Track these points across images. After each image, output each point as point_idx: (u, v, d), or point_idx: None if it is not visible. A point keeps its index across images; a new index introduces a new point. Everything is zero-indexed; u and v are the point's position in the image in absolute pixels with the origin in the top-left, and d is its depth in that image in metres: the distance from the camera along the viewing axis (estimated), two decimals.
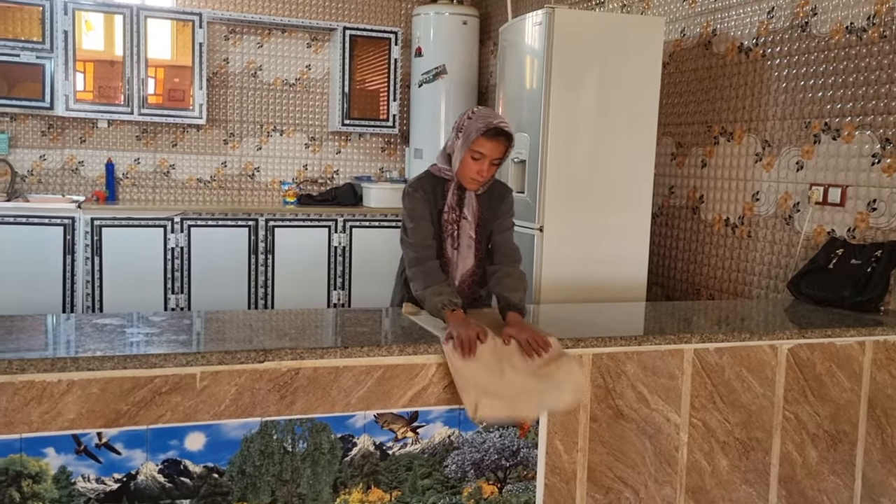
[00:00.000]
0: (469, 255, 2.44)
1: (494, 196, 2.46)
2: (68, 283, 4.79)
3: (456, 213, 2.41)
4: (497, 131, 2.29)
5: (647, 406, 2.25)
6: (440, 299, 2.21)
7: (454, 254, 2.44)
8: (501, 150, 2.32)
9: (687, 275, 3.88)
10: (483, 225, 2.44)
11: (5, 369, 1.71)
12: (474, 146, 2.30)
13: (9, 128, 5.17)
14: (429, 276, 2.29)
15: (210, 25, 5.46)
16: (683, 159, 3.90)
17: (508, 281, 2.33)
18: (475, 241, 2.43)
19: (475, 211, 2.41)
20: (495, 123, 2.29)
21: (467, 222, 2.41)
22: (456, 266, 2.45)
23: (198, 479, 1.88)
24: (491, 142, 2.29)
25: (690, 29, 3.86)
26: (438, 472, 2.07)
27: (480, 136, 2.28)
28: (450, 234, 2.42)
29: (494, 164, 2.34)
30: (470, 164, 2.32)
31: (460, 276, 2.45)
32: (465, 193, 2.41)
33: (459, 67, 5.69)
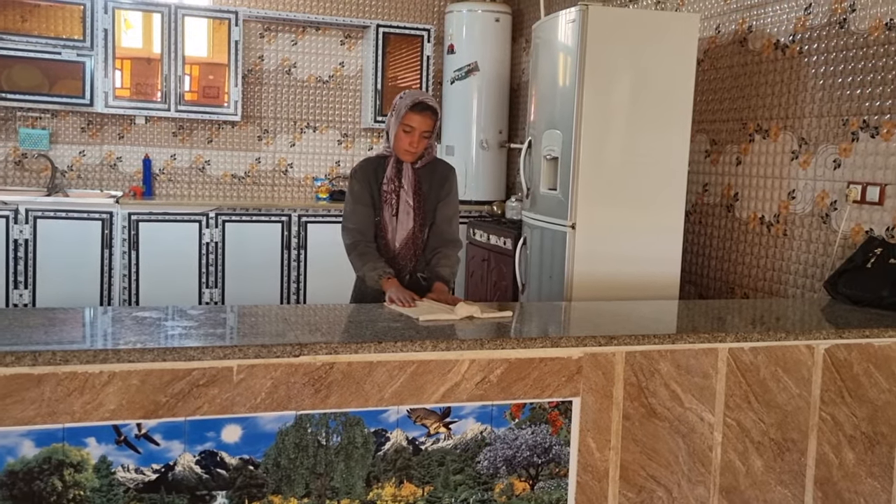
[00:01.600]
0: (408, 220, 2.73)
1: (437, 174, 2.77)
2: (106, 276, 4.89)
3: (395, 183, 2.72)
4: (423, 105, 2.63)
5: (681, 405, 2.23)
6: (377, 272, 2.59)
7: (392, 220, 2.73)
8: (429, 122, 2.65)
9: (721, 273, 3.84)
10: (423, 196, 2.74)
11: (49, 360, 1.75)
12: (404, 120, 2.63)
13: (50, 124, 5.29)
14: (364, 256, 2.66)
15: (246, 23, 5.52)
16: (718, 157, 3.86)
17: (441, 259, 2.70)
18: (413, 207, 2.72)
19: (412, 181, 2.72)
20: (421, 98, 2.65)
21: (404, 191, 2.72)
22: (395, 231, 2.74)
23: (234, 471, 1.91)
24: (419, 115, 2.63)
25: (725, 26, 3.81)
26: (470, 468, 2.08)
27: (408, 110, 2.62)
28: (388, 202, 2.72)
29: (425, 137, 2.66)
30: (402, 137, 2.65)
31: (401, 240, 2.74)
32: (402, 166, 2.73)
33: (491, 64, 5.69)
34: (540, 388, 2.11)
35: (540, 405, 2.12)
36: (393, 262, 2.74)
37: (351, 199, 2.75)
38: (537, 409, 2.12)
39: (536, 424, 2.12)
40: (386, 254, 2.75)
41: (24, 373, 1.74)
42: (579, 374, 2.13)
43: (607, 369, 2.16)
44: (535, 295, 3.82)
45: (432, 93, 5.83)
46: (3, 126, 5.21)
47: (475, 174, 5.76)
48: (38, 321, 2.06)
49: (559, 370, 2.12)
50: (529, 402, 2.11)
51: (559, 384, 2.12)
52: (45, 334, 1.96)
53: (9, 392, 1.74)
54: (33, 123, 5.26)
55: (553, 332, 2.31)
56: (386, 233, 2.75)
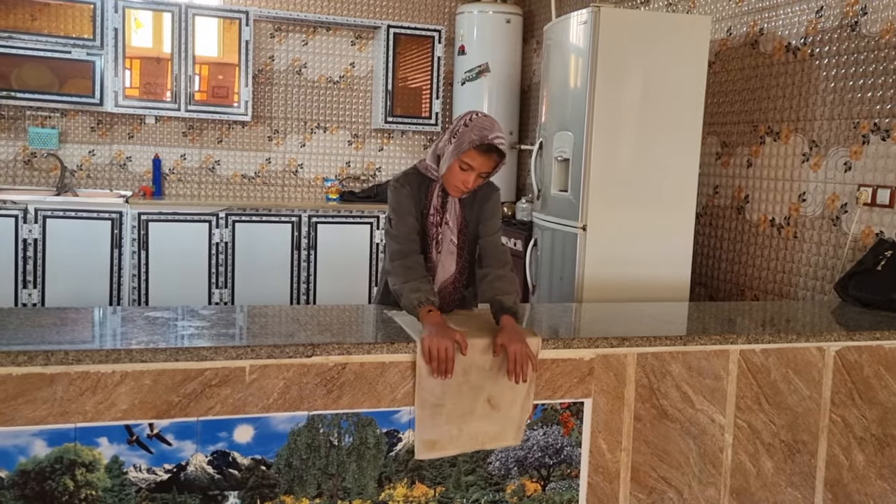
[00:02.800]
0: (450, 262, 2.35)
1: (478, 197, 2.36)
2: (115, 276, 4.90)
3: (439, 215, 2.32)
4: (490, 147, 2.20)
5: (692, 406, 2.23)
6: (417, 296, 2.11)
7: (437, 257, 2.35)
8: (491, 165, 2.23)
9: (731, 275, 3.82)
10: (466, 229, 2.36)
11: (61, 360, 1.76)
12: (464, 157, 2.20)
13: (59, 123, 5.32)
14: (409, 272, 2.20)
15: (256, 23, 5.54)
16: (728, 159, 3.85)
17: (500, 284, 2.22)
18: (457, 246, 2.35)
19: (457, 216, 2.33)
20: (490, 139, 2.19)
21: (449, 228, 2.33)
22: (436, 272, 2.35)
23: (246, 471, 1.92)
24: (482, 156, 2.20)
25: (737, 28, 3.80)
26: (482, 469, 2.08)
27: (473, 148, 2.19)
28: (433, 236, 2.33)
29: (482, 177, 2.26)
30: (457, 172, 2.23)
31: (440, 283, 2.36)
32: (448, 197, 2.33)
33: (502, 66, 5.69)
34: (552, 390, 2.10)
35: (552, 406, 2.12)
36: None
37: (398, 209, 2.30)
38: (549, 410, 2.11)
39: (548, 425, 2.12)
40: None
41: (36, 372, 1.75)
42: (591, 375, 2.13)
43: (619, 371, 2.16)
44: (545, 296, 3.82)
45: (442, 94, 5.83)
46: (13, 125, 5.24)
47: None
48: (50, 321, 2.07)
49: (571, 371, 2.12)
50: (541, 403, 2.10)
51: (571, 385, 2.12)
52: (57, 334, 1.97)
53: (21, 391, 1.75)
54: (43, 122, 5.28)
55: (564, 334, 2.30)
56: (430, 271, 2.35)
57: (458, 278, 2.38)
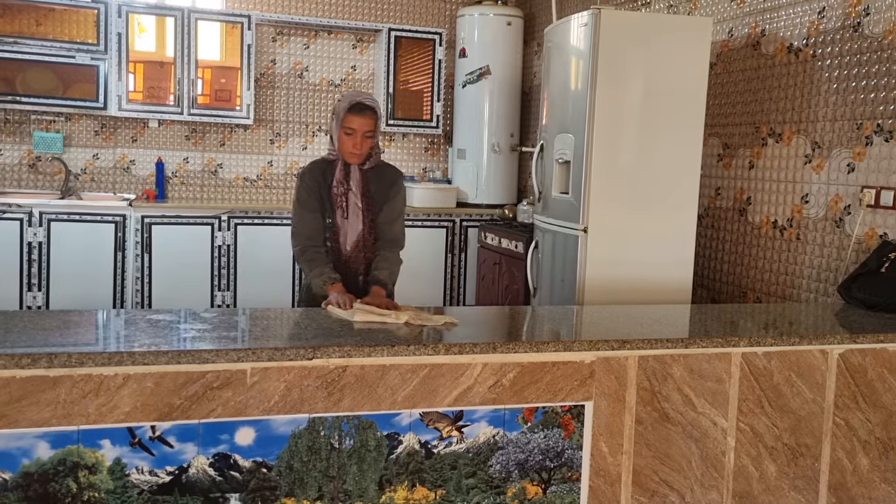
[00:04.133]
0: (357, 222, 2.75)
1: (385, 178, 2.78)
2: (119, 278, 4.92)
3: (343, 185, 2.72)
4: (361, 106, 2.62)
5: (694, 409, 2.23)
6: (322, 279, 2.58)
7: (344, 222, 2.74)
8: (370, 122, 2.65)
9: (733, 277, 3.82)
10: (371, 197, 2.75)
11: (64, 362, 1.77)
12: (344, 123, 2.63)
13: (64, 127, 5.33)
14: (313, 262, 2.66)
15: (258, 27, 5.55)
16: (730, 160, 3.85)
17: (380, 262, 2.71)
18: (362, 209, 2.74)
19: (359, 183, 2.73)
20: (358, 99, 2.64)
21: (353, 193, 2.73)
22: (346, 233, 2.75)
23: (247, 474, 1.92)
24: (358, 116, 2.62)
25: (738, 29, 3.80)
26: (483, 472, 2.08)
27: (347, 112, 2.62)
28: (339, 205, 2.73)
29: (368, 137, 2.66)
30: (345, 139, 2.65)
31: (351, 242, 2.76)
32: (350, 169, 2.73)
33: (503, 68, 5.69)
34: (552, 392, 2.10)
35: (552, 409, 2.12)
36: (345, 264, 2.75)
37: (298, 205, 2.76)
38: (550, 413, 2.11)
39: (549, 428, 2.12)
40: (338, 257, 2.76)
41: (39, 375, 1.76)
42: (592, 378, 2.13)
43: (620, 373, 2.16)
44: (546, 298, 3.81)
45: (443, 96, 5.84)
46: (18, 129, 5.26)
47: (487, 178, 5.76)
48: (54, 323, 2.08)
49: (572, 374, 2.12)
50: (542, 405, 2.10)
51: (572, 388, 2.12)
52: (61, 336, 1.98)
53: (25, 394, 1.76)
54: (47, 126, 5.30)
55: (565, 336, 2.31)
56: (337, 236, 2.76)
57: (366, 236, 2.77)
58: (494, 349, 2.05)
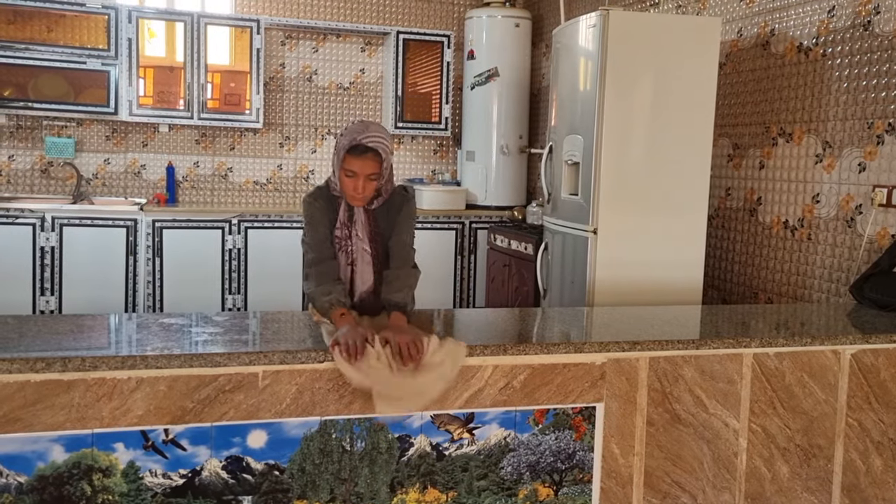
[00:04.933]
0: (367, 272, 2.33)
1: (393, 207, 2.35)
2: (130, 282, 4.95)
3: (347, 228, 2.32)
4: (363, 148, 2.20)
5: (705, 410, 2.22)
6: (328, 299, 2.17)
7: (348, 270, 2.33)
8: (374, 166, 2.21)
9: (744, 278, 3.81)
10: (379, 237, 2.34)
11: (78, 366, 1.78)
12: (345, 165, 2.22)
13: (75, 132, 5.37)
14: (322, 276, 2.24)
15: (267, 31, 5.57)
16: (740, 161, 3.84)
17: (393, 282, 2.26)
18: (372, 255, 2.33)
19: (366, 226, 2.32)
20: (359, 140, 2.20)
21: (359, 238, 2.32)
22: (354, 283, 2.34)
23: (259, 476, 1.93)
24: (359, 159, 2.20)
25: (748, 29, 3.79)
26: (494, 474, 2.08)
27: (347, 153, 2.21)
28: (343, 249, 2.32)
29: (371, 180, 2.23)
30: (346, 182, 2.24)
31: (360, 293, 2.34)
32: (354, 210, 2.32)
33: (511, 70, 5.69)
34: (563, 394, 2.11)
35: (563, 411, 2.12)
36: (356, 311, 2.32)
37: (312, 220, 2.32)
38: (561, 414, 2.11)
39: (560, 430, 2.12)
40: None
41: (54, 379, 1.78)
42: (603, 379, 2.13)
43: (631, 375, 2.15)
44: (556, 300, 3.81)
45: (452, 98, 5.85)
46: (30, 135, 5.30)
47: (495, 179, 5.76)
48: (67, 328, 2.10)
49: (583, 376, 2.12)
50: (553, 407, 2.11)
51: (583, 390, 2.12)
52: (74, 341, 2.00)
53: (39, 398, 1.77)
54: (59, 132, 5.34)
55: (576, 338, 2.30)
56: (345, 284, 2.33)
57: (376, 287, 2.34)
58: (505, 351, 2.05)
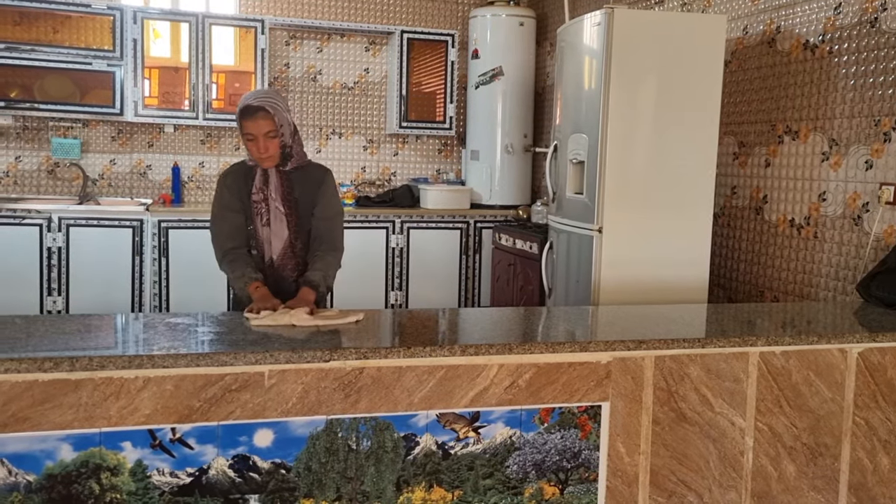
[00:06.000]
0: (282, 228, 2.57)
1: (312, 178, 2.60)
2: (137, 282, 4.96)
3: (263, 192, 2.55)
4: (251, 109, 2.42)
5: (711, 409, 2.22)
6: (244, 280, 2.46)
7: (265, 231, 2.58)
8: (267, 123, 2.43)
9: (750, 276, 3.80)
10: (294, 200, 2.56)
11: (86, 366, 1.79)
12: (243, 130, 2.45)
13: (81, 133, 5.39)
14: (234, 264, 2.54)
15: (272, 31, 5.58)
16: (746, 159, 3.83)
17: (315, 262, 2.52)
18: (285, 213, 2.55)
19: (279, 187, 2.54)
20: (247, 102, 2.44)
21: (272, 198, 2.54)
22: (270, 242, 2.59)
23: (266, 475, 1.93)
24: (252, 121, 2.43)
25: (753, 26, 3.78)
26: (500, 473, 2.08)
27: (241, 118, 2.45)
28: (258, 212, 2.56)
29: (271, 138, 2.45)
30: (249, 146, 2.48)
31: (278, 250, 2.59)
32: (268, 174, 2.55)
33: (516, 69, 5.69)
34: (569, 393, 2.10)
35: (569, 410, 2.12)
36: (274, 272, 2.59)
37: (219, 205, 2.60)
38: (566, 413, 2.11)
39: (565, 429, 2.12)
40: (264, 266, 2.60)
41: (62, 378, 1.78)
42: (608, 378, 2.13)
43: (636, 374, 2.15)
44: (561, 299, 3.81)
45: (456, 98, 5.84)
46: (36, 136, 5.32)
47: (500, 179, 5.76)
48: (75, 327, 2.11)
49: (588, 375, 2.11)
50: (558, 406, 2.11)
51: (588, 389, 2.12)
52: (82, 340, 2.00)
53: (47, 397, 1.78)
54: (65, 133, 5.36)
55: (581, 337, 2.30)
56: (262, 245, 2.60)
57: (293, 242, 2.59)
58: (510, 350, 2.05)
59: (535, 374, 2.08)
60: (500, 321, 2.54)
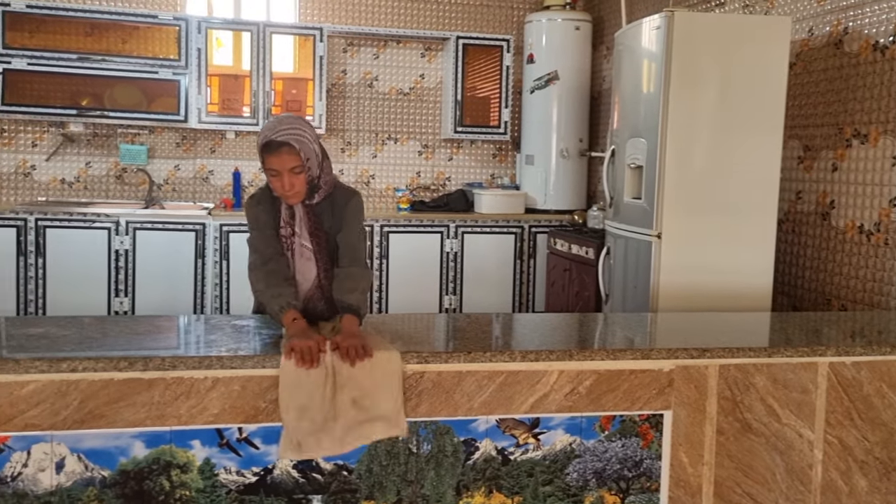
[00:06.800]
0: (309, 268, 2.29)
1: (336, 204, 2.31)
2: (199, 284, 5.09)
3: (290, 227, 2.28)
4: (276, 144, 2.13)
5: (778, 420, 2.17)
6: (279, 301, 2.11)
7: (294, 266, 2.30)
8: (292, 159, 2.14)
9: (816, 284, 3.70)
10: (320, 233, 2.29)
11: (158, 366, 1.85)
12: (266, 165, 2.17)
13: (148, 140, 5.56)
14: (270, 277, 2.20)
15: (330, 39, 5.67)
16: (812, 163, 3.73)
17: (345, 282, 2.17)
18: (313, 251, 2.28)
19: (305, 222, 2.27)
20: (270, 137, 2.14)
21: (298, 235, 2.28)
22: (297, 282, 2.29)
23: (328, 476, 1.96)
24: (275, 156, 2.14)
25: (819, 28, 3.68)
26: (560, 480, 2.07)
27: (263, 154, 2.16)
28: (288, 248, 2.29)
29: (296, 174, 2.16)
30: (273, 182, 2.20)
31: (305, 291, 2.30)
32: (294, 208, 2.27)
33: (571, 73, 5.66)
34: (630, 401, 2.08)
35: (630, 418, 2.09)
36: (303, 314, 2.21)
37: (256, 223, 2.29)
38: (627, 421, 2.09)
39: (627, 437, 2.10)
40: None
41: (135, 377, 1.85)
42: (670, 386, 2.10)
43: (700, 382, 2.12)
44: (619, 305, 3.77)
45: (511, 102, 5.84)
46: (105, 142, 5.51)
47: (555, 183, 5.73)
48: (146, 328, 2.18)
49: (650, 383, 2.09)
50: (619, 414, 2.09)
51: (650, 397, 2.09)
52: (153, 341, 2.07)
53: (122, 395, 1.84)
54: (132, 139, 5.54)
55: (641, 344, 2.28)
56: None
57: (322, 283, 2.30)
58: (570, 357, 2.04)
59: (596, 382, 2.06)
60: (559, 327, 2.53)
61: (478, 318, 2.57)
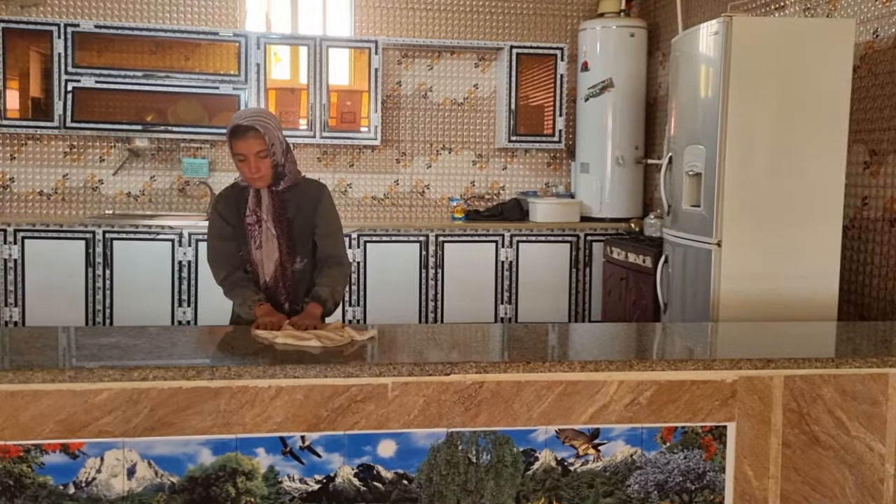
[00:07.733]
0: (273, 249, 2.50)
1: (307, 196, 2.54)
2: None
3: (256, 213, 2.49)
4: (240, 129, 2.37)
5: (847, 433, 2.11)
6: (246, 304, 2.43)
7: (258, 253, 2.52)
8: (257, 143, 2.38)
9: (885, 293, 3.57)
10: (287, 220, 2.50)
11: (224, 375, 1.90)
12: (233, 150, 2.40)
13: (209, 153, 5.72)
14: (234, 292, 2.50)
15: (384, 51, 5.75)
16: (878, 168, 3.61)
17: (322, 278, 2.47)
18: (276, 234, 2.49)
19: (271, 208, 2.48)
20: (237, 122, 2.38)
21: (264, 220, 2.49)
22: (262, 264, 2.52)
23: (389, 485, 1.99)
24: (242, 140, 2.38)
25: (884, 29, 3.57)
26: (621, 492, 2.05)
27: (231, 139, 2.39)
28: (252, 235, 2.50)
29: (262, 158, 2.40)
30: (240, 166, 2.43)
31: (269, 273, 2.52)
32: (261, 194, 2.49)
33: (626, 80, 5.61)
34: (692, 412, 2.05)
35: (692, 429, 2.06)
36: (268, 298, 2.51)
37: (211, 234, 2.58)
38: (689, 433, 2.06)
39: (689, 449, 2.07)
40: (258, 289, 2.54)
41: (203, 386, 1.90)
42: (734, 398, 2.06)
43: (764, 394, 2.08)
44: (678, 314, 3.71)
45: (565, 111, 5.82)
46: (169, 156, 5.69)
47: (611, 191, 5.68)
48: (210, 338, 2.24)
49: (712, 393, 2.06)
50: (681, 425, 2.06)
51: (712, 408, 2.06)
52: (219, 350, 2.13)
53: (190, 403, 1.90)
54: (195, 153, 5.71)
55: (702, 354, 2.24)
56: (256, 268, 2.54)
57: (285, 263, 2.52)
58: (630, 367, 2.03)
59: (657, 392, 2.04)
60: (617, 337, 2.51)
61: (535, 328, 2.57)
